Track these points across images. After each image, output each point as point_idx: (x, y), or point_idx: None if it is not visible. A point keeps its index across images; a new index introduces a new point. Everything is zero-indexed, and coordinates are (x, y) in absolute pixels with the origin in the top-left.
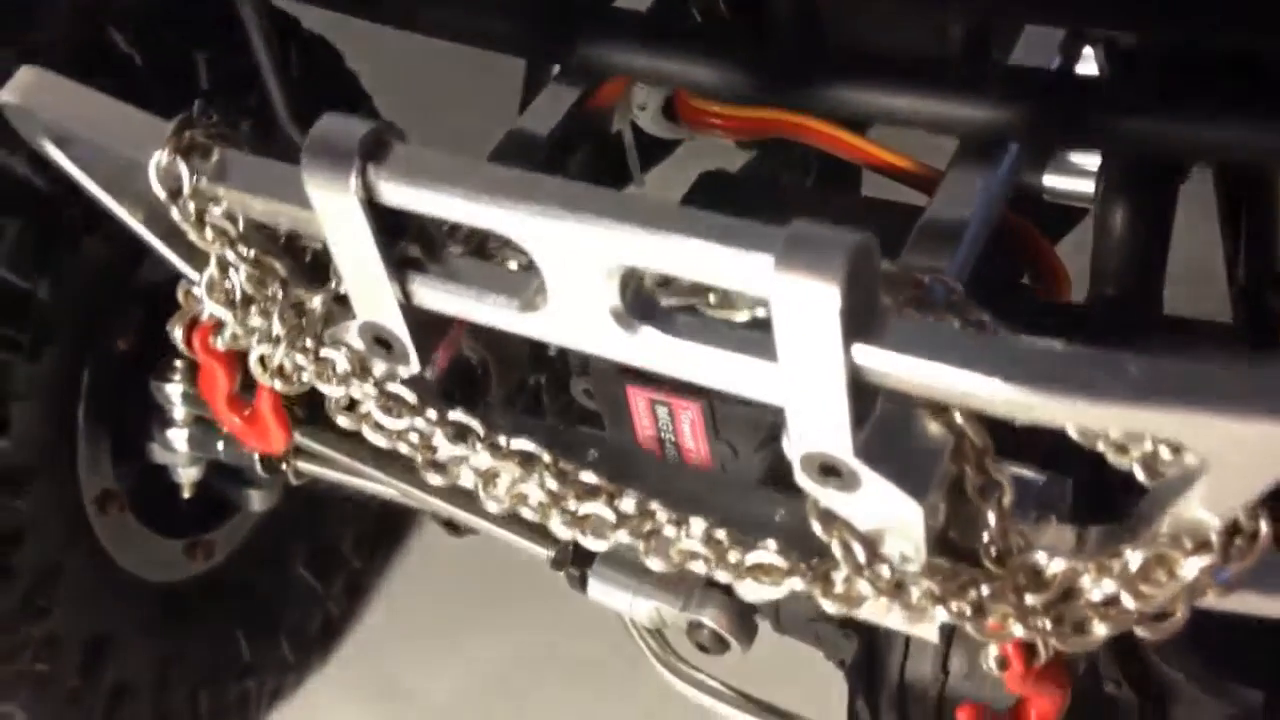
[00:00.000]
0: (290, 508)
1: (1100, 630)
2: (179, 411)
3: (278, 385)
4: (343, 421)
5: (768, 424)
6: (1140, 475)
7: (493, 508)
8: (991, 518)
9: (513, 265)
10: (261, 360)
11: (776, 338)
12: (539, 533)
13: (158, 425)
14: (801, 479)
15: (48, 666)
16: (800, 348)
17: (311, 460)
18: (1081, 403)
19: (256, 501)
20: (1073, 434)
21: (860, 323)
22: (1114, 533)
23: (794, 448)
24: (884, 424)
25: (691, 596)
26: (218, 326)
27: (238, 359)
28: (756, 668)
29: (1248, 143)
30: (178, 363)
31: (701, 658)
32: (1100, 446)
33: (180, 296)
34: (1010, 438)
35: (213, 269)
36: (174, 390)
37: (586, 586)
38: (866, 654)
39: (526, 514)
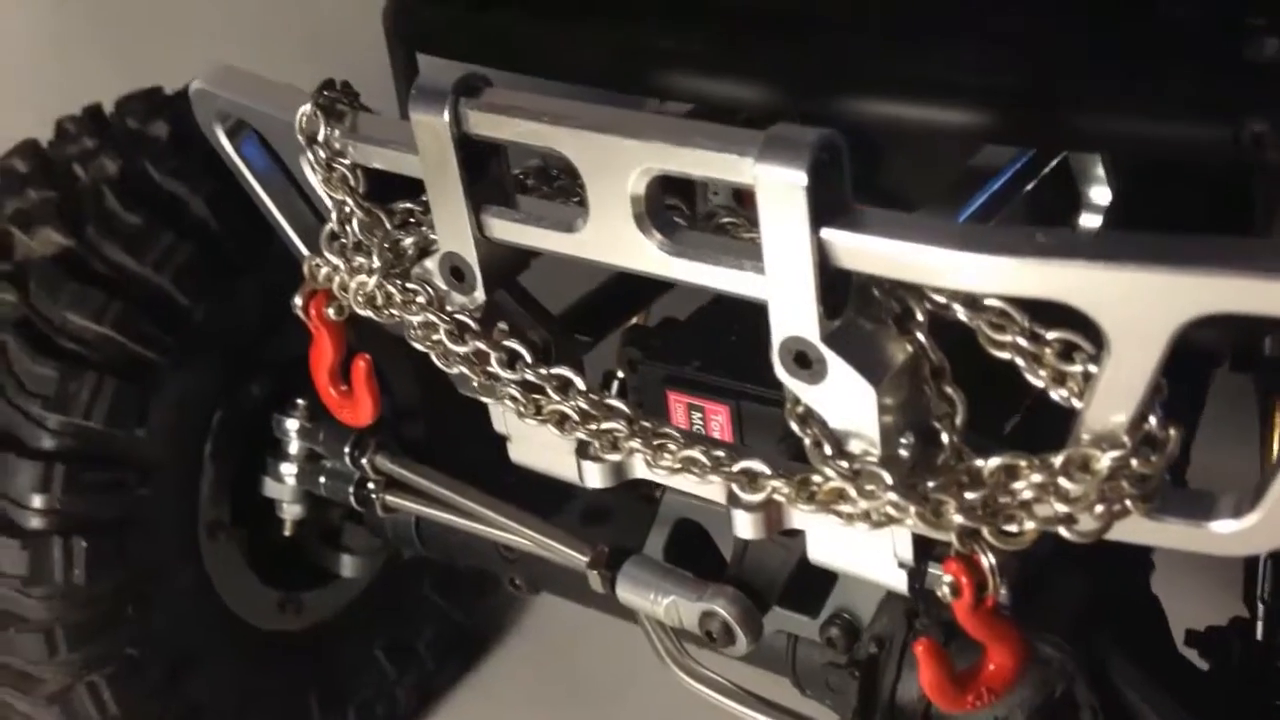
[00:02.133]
0: (378, 596)
1: (1029, 526)
2: (294, 445)
3: (368, 313)
4: (417, 345)
5: (784, 422)
6: (1061, 393)
7: (532, 424)
8: (944, 435)
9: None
10: (359, 290)
11: (760, 229)
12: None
13: (272, 460)
14: (780, 373)
15: (137, 652)
16: (778, 235)
17: (399, 495)
18: (1001, 261)
19: (348, 568)
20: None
21: (827, 209)
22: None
23: (775, 339)
24: (853, 326)
25: (706, 590)
26: (331, 298)
27: (344, 333)
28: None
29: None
30: (300, 400)
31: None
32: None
33: (305, 270)
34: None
35: (333, 223)
36: (292, 425)
37: (615, 586)
38: (863, 678)
39: (554, 430)
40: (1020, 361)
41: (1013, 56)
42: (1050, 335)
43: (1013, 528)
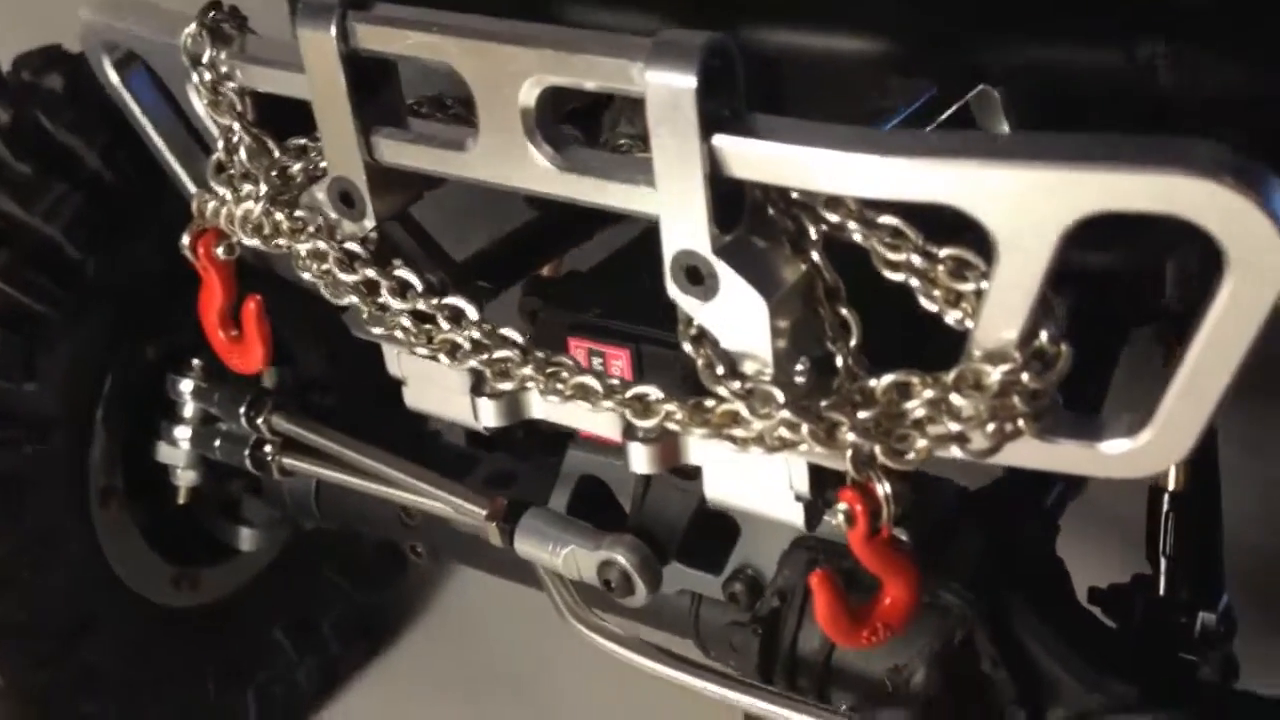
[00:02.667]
0: (279, 574)
1: (921, 444)
2: (188, 408)
3: (255, 242)
4: (306, 276)
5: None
6: (955, 315)
7: (423, 353)
8: (839, 358)
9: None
10: (246, 219)
11: (651, 140)
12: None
13: (166, 423)
14: (672, 290)
15: (27, 619)
16: (667, 143)
17: (296, 457)
18: (893, 161)
19: (247, 541)
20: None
21: (718, 116)
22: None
23: (666, 254)
24: (746, 242)
25: (604, 539)
26: (220, 236)
27: (233, 274)
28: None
29: None
30: (196, 361)
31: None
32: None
33: (193, 207)
34: None
35: (220, 152)
36: (187, 386)
37: (514, 540)
38: (764, 632)
39: (445, 360)
40: (915, 283)
41: None
42: (943, 253)
43: (905, 446)
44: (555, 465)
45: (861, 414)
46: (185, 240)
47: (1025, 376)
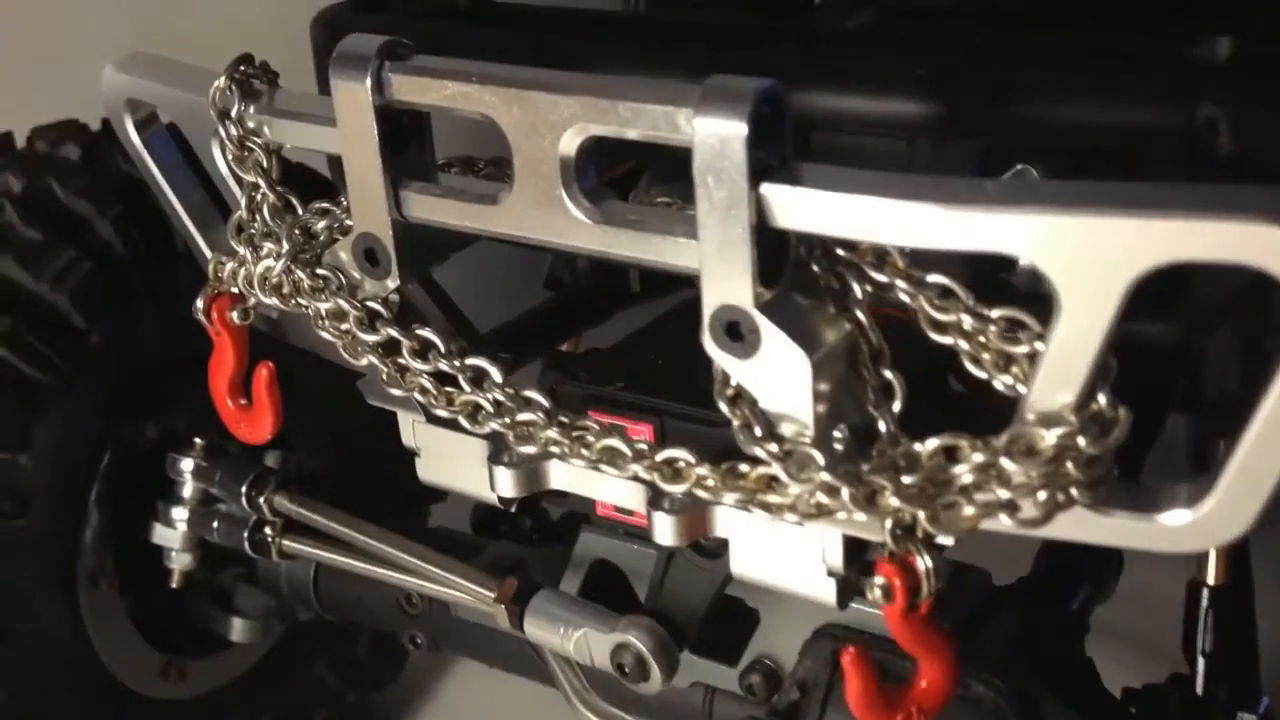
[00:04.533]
0: (270, 670)
1: (968, 512)
2: (187, 488)
3: (274, 302)
4: (326, 336)
5: (708, 437)
6: (1005, 380)
7: (443, 415)
8: (881, 424)
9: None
10: (265, 277)
11: (696, 189)
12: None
13: (163, 503)
14: (710, 347)
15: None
16: (714, 192)
17: (296, 539)
18: (952, 211)
19: (239, 632)
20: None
21: (767, 163)
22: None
23: (705, 310)
24: (789, 299)
25: (619, 621)
26: (235, 301)
27: (246, 340)
28: None
29: None
30: (197, 439)
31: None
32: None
33: (209, 270)
34: None
35: (243, 211)
36: (187, 465)
37: (523, 622)
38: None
39: (465, 423)
40: (963, 345)
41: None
42: (995, 313)
43: (952, 514)
44: (564, 553)
45: (905, 479)
46: (199, 304)
47: (1082, 441)
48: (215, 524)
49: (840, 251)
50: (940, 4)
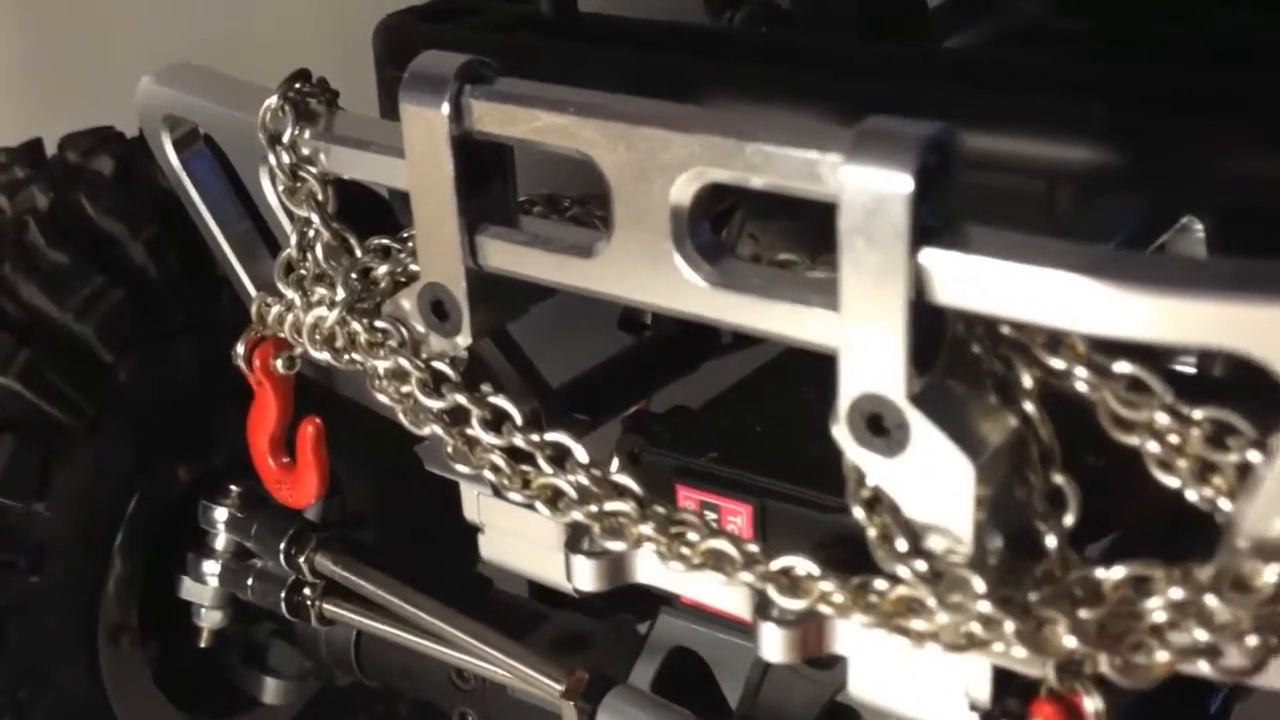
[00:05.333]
0: None
1: (1161, 658)
2: (220, 539)
3: (325, 356)
4: (383, 399)
5: (818, 525)
6: (1205, 492)
7: (516, 498)
8: (1050, 538)
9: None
10: (316, 328)
11: (841, 253)
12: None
13: (194, 556)
14: (845, 440)
15: None
16: (863, 257)
17: (337, 604)
18: (1171, 299)
19: (271, 693)
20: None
21: (930, 226)
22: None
23: (842, 397)
24: (946, 388)
25: None
26: (281, 346)
27: (291, 391)
28: None
29: None
30: (233, 487)
31: None
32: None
33: (253, 311)
34: None
35: (292, 249)
36: (221, 514)
37: None
38: None
39: (544, 509)
40: (1154, 448)
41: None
42: (1198, 414)
43: (1140, 659)
44: (634, 627)
45: (1083, 613)
46: (240, 349)
47: None
48: (250, 581)
49: (1005, 330)
50: (1067, 26)
